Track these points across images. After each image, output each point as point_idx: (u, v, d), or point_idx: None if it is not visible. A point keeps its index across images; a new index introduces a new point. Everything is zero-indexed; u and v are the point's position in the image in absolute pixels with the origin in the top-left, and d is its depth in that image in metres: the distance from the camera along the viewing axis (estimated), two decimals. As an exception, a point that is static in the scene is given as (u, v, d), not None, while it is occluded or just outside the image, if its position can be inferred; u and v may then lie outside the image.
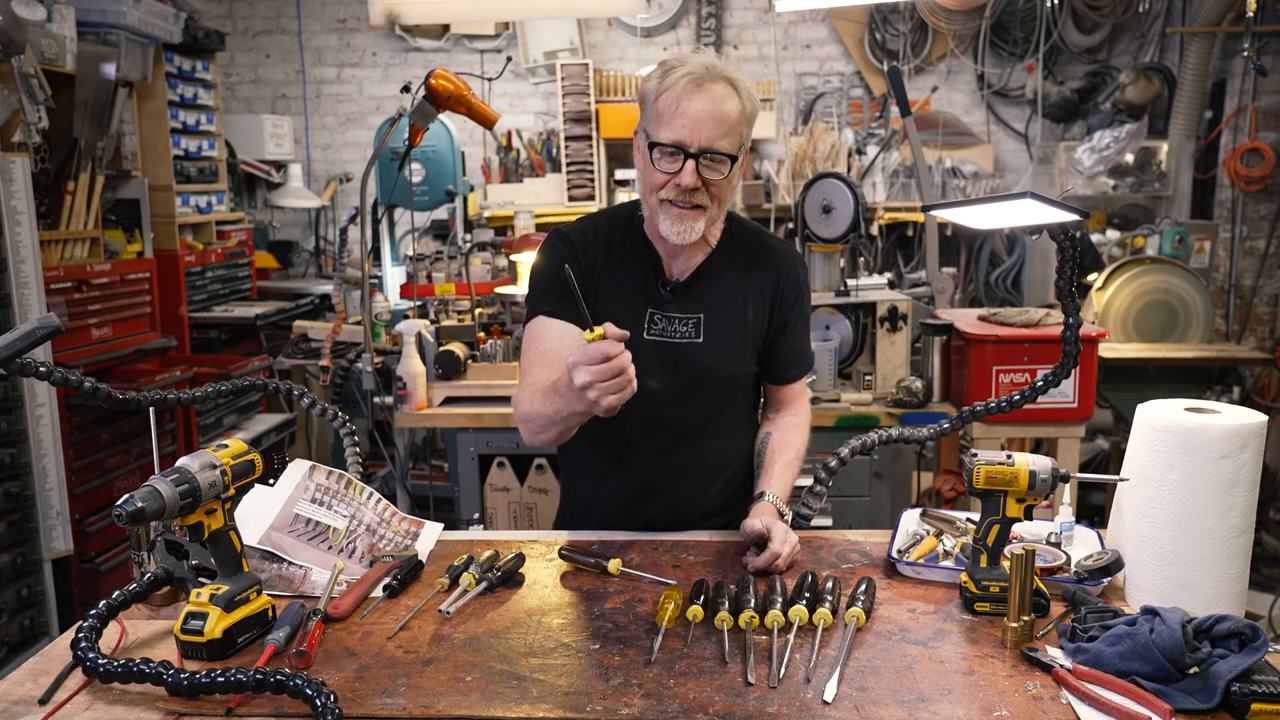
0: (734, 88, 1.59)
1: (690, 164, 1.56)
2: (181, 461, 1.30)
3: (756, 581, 1.45)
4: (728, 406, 1.81)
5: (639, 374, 1.54)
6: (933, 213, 2.70)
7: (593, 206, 5.11)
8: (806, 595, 1.39)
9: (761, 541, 1.58)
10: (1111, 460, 4.40)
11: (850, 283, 3.14)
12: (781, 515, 1.68)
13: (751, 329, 1.76)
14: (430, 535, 1.70)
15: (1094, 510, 4.20)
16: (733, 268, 1.76)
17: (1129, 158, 5.07)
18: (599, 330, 1.38)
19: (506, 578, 1.52)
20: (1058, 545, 1.58)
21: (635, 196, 1.80)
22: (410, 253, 3.73)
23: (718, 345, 1.73)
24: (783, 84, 5.57)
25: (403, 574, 1.50)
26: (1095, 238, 4.74)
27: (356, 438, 1.86)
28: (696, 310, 1.73)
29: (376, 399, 3.11)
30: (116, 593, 1.35)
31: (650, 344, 1.71)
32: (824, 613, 1.35)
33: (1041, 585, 1.39)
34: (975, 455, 1.41)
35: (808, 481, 1.84)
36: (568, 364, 1.42)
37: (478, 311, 3.42)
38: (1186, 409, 1.38)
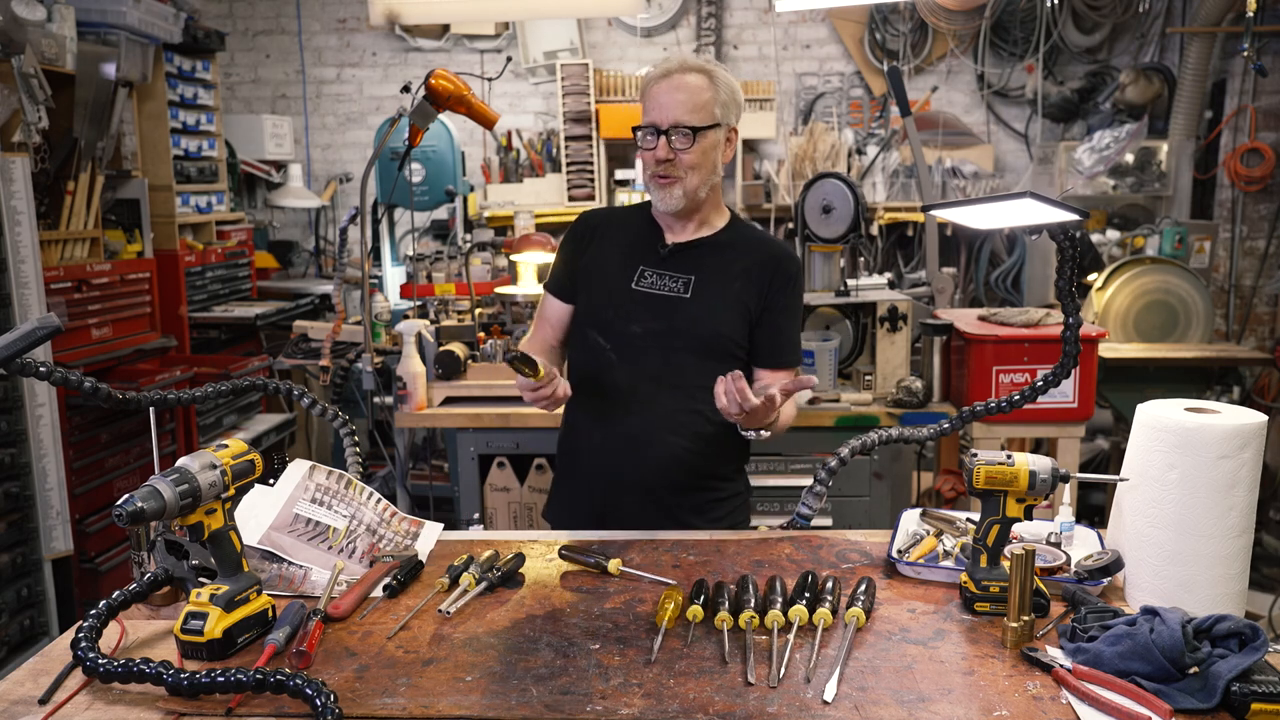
0: (707, 76, 1.84)
1: (662, 139, 1.82)
2: (181, 461, 1.30)
3: (757, 581, 1.45)
4: (714, 366, 1.76)
5: (622, 319, 1.88)
6: (933, 213, 2.70)
7: (592, 206, 5.11)
8: (806, 595, 1.39)
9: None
10: (1111, 460, 4.40)
11: (850, 283, 3.14)
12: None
13: (740, 300, 1.88)
14: (430, 535, 1.70)
15: (1094, 510, 4.20)
16: (730, 248, 1.92)
17: (1129, 158, 5.07)
18: (542, 374, 1.68)
19: (506, 578, 1.52)
20: (1058, 545, 1.58)
21: (636, 197, 1.92)
22: (410, 253, 3.73)
23: (704, 303, 1.87)
24: (783, 84, 5.57)
25: (403, 574, 1.50)
26: (1095, 238, 4.74)
27: (356, 438, 1.86)
28: (689, 272, 1.89)
29: (376, 399, 3.11)
30: (116, 593, 1.35)
31: (637, 294, 1.89)
32: (824, 613, 1.35)
33: (1041, 585, 1.39)
34: (975, 455, 1.41)
35: (807, 481, 1.85)
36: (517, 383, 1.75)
37: (478, 311, 3.42)
38: (1186, 409, 1.38)
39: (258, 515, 1.53)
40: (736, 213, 2.01)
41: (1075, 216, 1.47)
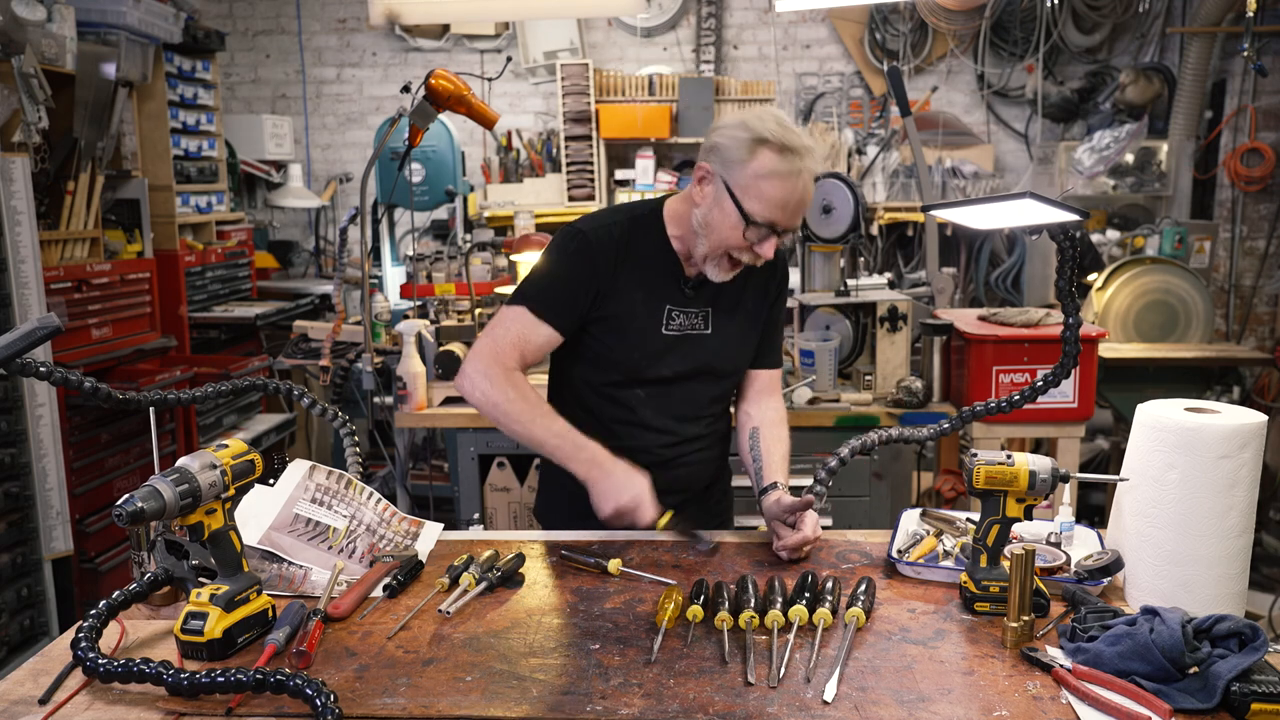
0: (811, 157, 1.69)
1: (774, 239, 1.71)
2: (181, 461, 1.30)
3: (757, 581, 1.45)
4: (724, 391, 1.95)
5: (654, 365, 1.81)
6: (933, 213, 2.70)
7: (593, 206, 5.10)
8: (806, 595, 1.39)
9: (789, 521, 1.65)
10: (1111, 460, 4.40)
11: (850, 283, 3.14)
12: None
13: (753, 320, 1.90)
14: (430, 535, 1.70)
15: (1094, 510, 4.20)
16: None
17: (1129, 158, 5.07)
18: (665, 519, 1.70)
19: (506, 578, 1.52)
20: (1058, 545, 1.58)
21: (636, 196, 1.85)
22: (410, 253, 3.73)
23: (723, 335, 1.87)
24: (783, 84, 5.57)
25: (403, 574, 1.50)
26: (1095, 238, 4.74)
27: (356, 438, 1.85)
28: (706, 304, 1.85)
29: (376, 399, 3.11)
30: (116, 593, 1.35)
31: (667, 338, 1.83)
32: (824, 613, 1.35)
33: (1041, 585, 1.39)
34: (975, 455, 1.41)
35: (807, 481, 1.85)
36: (615, 500, 1.67)
37: (478, 311, 3.42)
38: (1186, 409, 1.38)
39: (258, 515, 1.53)
40: None
41: (1075, 216, 1.46)
